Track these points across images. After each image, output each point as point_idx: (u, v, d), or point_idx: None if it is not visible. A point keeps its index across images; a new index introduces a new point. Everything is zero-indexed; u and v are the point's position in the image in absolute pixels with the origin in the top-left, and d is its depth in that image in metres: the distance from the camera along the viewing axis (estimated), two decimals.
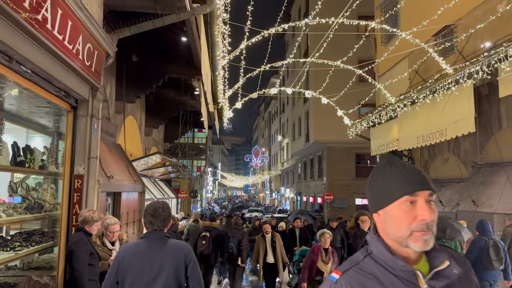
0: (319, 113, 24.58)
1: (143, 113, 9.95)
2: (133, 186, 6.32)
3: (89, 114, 4.15)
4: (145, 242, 2.65)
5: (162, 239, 2.67)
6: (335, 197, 23.83)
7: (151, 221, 2.71)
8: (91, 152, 4.16)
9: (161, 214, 2.73)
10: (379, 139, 12.64)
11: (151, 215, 2.73)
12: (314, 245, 5.47)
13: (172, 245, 2.66)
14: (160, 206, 2.79)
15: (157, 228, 2.70)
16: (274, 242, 7.33)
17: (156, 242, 2.63)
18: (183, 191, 22.65)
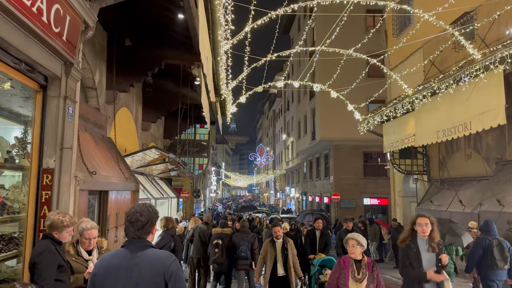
0: (326, 110, 23.80)
1: (139, 106, 9.21)
2: (124, 184, 5.58)
3: (62, 95, 3.41)
4: (123, 252, 2.28)
5: (142, 248, 2.27)
6: (343, 197, 23.05)
7: (128, 227, 2.32)
8: (64, 141, 3.42)
9: (138, 219, 2.32)
10: (393, 135, 11.84)
11: (127, 221, 2.34)
12: (344, 256, 3.98)
13: (151, 256, 2.24)
14: (139, 210, 2.37)
15: (135, 236, 2.30)
16: (285, 250, 5.95)
17: (134, 253, 2.24)
18: (186, 191, 21.92)
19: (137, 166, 8.05)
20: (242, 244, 7.29)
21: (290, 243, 6.06)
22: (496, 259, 5.92)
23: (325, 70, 22.65)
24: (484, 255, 6.00)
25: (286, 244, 6.00)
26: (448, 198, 11.38)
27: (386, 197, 23.33)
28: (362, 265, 3.80)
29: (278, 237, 6.04)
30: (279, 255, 5.97)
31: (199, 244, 7.67)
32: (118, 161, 5.81)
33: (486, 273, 6.05)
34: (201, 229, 7.64)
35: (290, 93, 38.16)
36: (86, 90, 6.21)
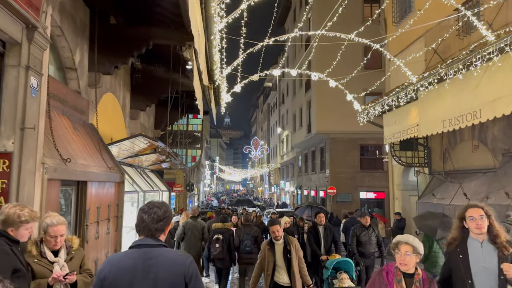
0: (322, 102, 23.31)
1: (127, 92, 8.62)
2: (106, 174, 5.01)
3: (22, 65, 2.85)
4: (134, 253, 2.10)
5: (156, 249, 2.11)
6: (339, 190, 22.66)
7: (142, 220, 2.15)
8: (26, 120, 2.87)
9: (155, 212, 2.16)
10: (394, 126, 11.36)
11: (143, 211, 2.17)
12: (388, 265, 2.84)
13: (168, 258, 2.10)
14: (156, 204, 2.23)
15: (148, 233, 2.13)
16: (288, 253, 4.81)
17: (149, 253, 2.08)
18: (179, 184, 21.35)
19: (125, 156, 7.48)
20: (246, 239, 7.25)
21: (294, 244, 4.91)
22: None
23: (322, 61, 22.11)
24: None
25: (288, 246, 4.86)
26: (451, 191, 10.94)
27: (382, 191, 22.98)
28: (415, 282, 2.67)
29: (277, 238, 4.85)
30: (280, 260, 4.85)
31: (192, 240, 7.18)
32: (100, 149, 5.24)
33: None
34: (191, 224, 7.15)
35: (285, 86, 37.62)
36: (66, 71, 5.62)
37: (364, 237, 6.94)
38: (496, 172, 9.21)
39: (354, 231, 7.10)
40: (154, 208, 2.17)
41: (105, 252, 5.15)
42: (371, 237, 6.98)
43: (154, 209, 2.17)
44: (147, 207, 2.20)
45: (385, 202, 23.05)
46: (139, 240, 2.14)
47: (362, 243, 6.89)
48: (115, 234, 5.58)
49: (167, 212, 2.22)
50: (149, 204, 2.22)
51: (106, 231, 5.17)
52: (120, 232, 5.68)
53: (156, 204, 2.22)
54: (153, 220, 2.13)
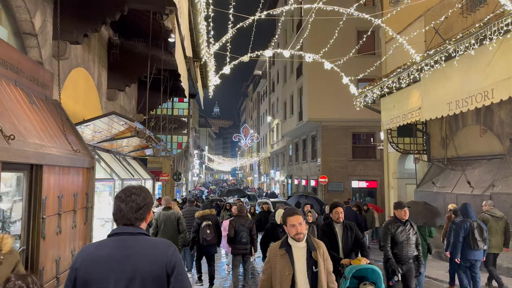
0: (314, 89, 22.63)
1: (103, 70, 7.76)
2: (70, 158, 4.22)
3: None
4: (112, 242, 1.92)
5: (136, 237, 1.93)
6: (330, 179, 22.16)
7: (119, 209, 1.95)
8: None
9: (133, 200, 1.96)
10: (393, 110, 10.70)
11: (119, 201, 1.97)
12: None
13: (148, 246, 1.92)
14: (134, 190, 2.01)
15: (127, 221, 1.95)
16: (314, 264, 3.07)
17: (127, 242, 1.90)
18: (165, 173, 20.54)
19: (100, 140, 6.67)
20: (241, 230, 7.18)
21: (321, 250, 3.16)
22: (477, 240, 6.34)
23: (314, 45, 21.28)
24: (465, 237, 6.41)
25: (314, 253, 3.11)
26: (453, 179, 10.38)
27: (375, 180, 22.53)
28: None
29: (299, 238, 3.10)
30: (302, 274, 3.06)
31: (167, 233, 6.53)
32: (64, 129, 4.44)
33: (466, 253, 6.46)
34: (164, 216, 6.50)
35: (275, 73, 36.81)
36: (24, 38, 4.77)
37: (401, 236, 5.27)
38: (504, 159, 8.64)
39: (387, 228, 5.40)
40: (132, 196, 1.97)
41: (71, 249, 4.38)
42: (409, 235, 5.31)
43: (132, 197, 1.97)
44: (124, 194, 1.99)
45: (377, 191, 22.63)
46: (117, 229, 1.96)
47: (398, 244, 5.27)
48: (84, 228, 4.81)
49: (146, 198, 2.02)
50: (126, 191, 2.01)
51: (72, 224, 4.40)
52: (90, 225, 4.91)
53: (134, 190, 2.01)
54: (132, 209, 1.95)
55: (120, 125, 6.05)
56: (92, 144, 6.77)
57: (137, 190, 2.03)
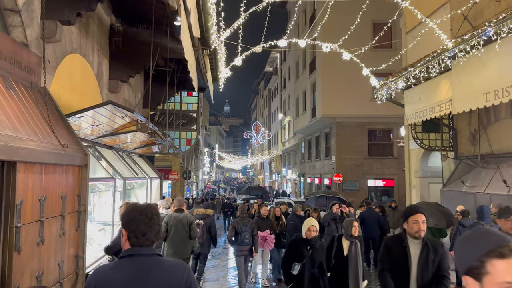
0: (328, 85, 21.80)
1: (104, 59, 7.11)
2: (56, 154, 3.56)
3: None
4: (127, 264, 1.91)
5: (152, 259, 1.95)
6: (345, 178, 21.34)
7: (142, 233, 1.95)
8: None
9: (156, 223, 2.01)
10: (418, 103, 9.87)
11: (142, 223, 1.95)
12: None
13: (164, 268, 1.94)
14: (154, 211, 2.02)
15: (150, 244, 1.97)
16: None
17: (143, 265, 1.91)
18: (175, 172, 19.93)
19: (99, 134, 6.02)
20: (244, 231, 7.31)
21: None
22: None
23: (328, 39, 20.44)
24: None
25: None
26: (485, 177, 9.52)
27: (392, 178, 21.69)
28: None
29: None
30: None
31: (177, 239, 5.79)
32: (50, 120, 3.77)
33: None
34: (175, 219, 5.77)
35: (287, 69, 36.03)
36: (5, 14, 4.12)
37: None
38: None
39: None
40: (154, 218, 1.98)
41: (58, 261, 3.72)
42: None
43: (154, 219, 1.98)
44: (146, 216, 1.96)
45: (394, 190, 21.74)
46: (132, 250, 1.94)
47: None
48: (76, 235, 4.14)
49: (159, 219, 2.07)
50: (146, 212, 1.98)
51: (59, 232, 3.74)
52: (83, 232, 4.25)
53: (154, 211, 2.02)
54: (155, 232, 1.98)
55: (121, 118, 5.38)
56: (91, 140, 6.13)
57: (154, 210, 2.02)
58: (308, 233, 4.56)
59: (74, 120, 4.58)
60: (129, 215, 2.01)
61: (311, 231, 4.57)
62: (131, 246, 1.96)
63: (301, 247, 4.59)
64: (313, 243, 4.56)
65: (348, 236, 4.71)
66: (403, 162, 21.37)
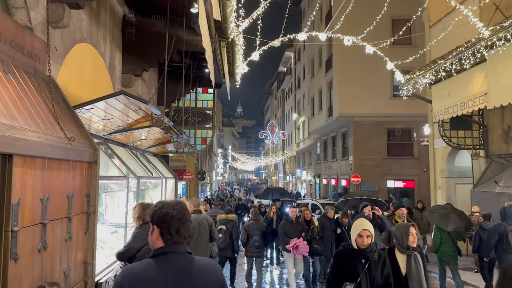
0: (345, 83, 21.21)
1: (117, 51, 6.73)
2: (60, 148, 3.16)
3: None
4: (160, 263, 1.81)
5: (185, 258, 1.89)
6: (363, 179, 20.68)
7: (177, 230, 1.88)
8: None
9: (188, 219, 1.96)
10: (448, 98, 9.26)
11: (178, 221, 1.89)
12: None
13: (199, 267, 1.89)
14: (185, 207, 1.97)
15: (183, 241, 1.91)
16: None
17: (180, 264, 1.84)
18: (189, 172, 19.57)
19: (112, 130, 5.62)
20: (255, 234, 7.49)
21: None
22: None
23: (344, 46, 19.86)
24: (499, 240, 6.37)
25: None
26: None
27: (412, 179, 20.98)
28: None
29: None
30: None
31: (198, 243, 5.33)
32: (55, 111, 3.37)
33: (501, 256, 6.37)
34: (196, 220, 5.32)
35: (301, 69, 35.49)
36: None
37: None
38: None
39: None
40: (186, 215, 1.92)
41: (63, 269, 3.31)
42: None
43: (186, 215, 1.93)
44: (179, 213, 1.90)
45: (415, 192, 21.00)
46: (166, 248, 1.86)
47: None
48: (84, 239, 3.73)
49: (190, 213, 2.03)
50: (179, 208, 1.92)
51: (65, 236, 3.32)
52: (93, 236, 3.83)
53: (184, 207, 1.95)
54: (188, 229, 1.94)
55: (134, 111, 4.97)
56: (103, 136, 5.74)
57: (185, 206, 1.97)
58: (360, 240, 3.38)
59: (83, 113, 4.18)
60: (161, 211, 1.91)
61: (363, 238, 3.37)
62: (164, 243, 1.87)
63: (352, 260, 3.41)
64: (369, 254, 3.38)
65: (403, 248, 3.71)
66: (424, 163, 20.68)
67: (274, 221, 9.50)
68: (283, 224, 7.50)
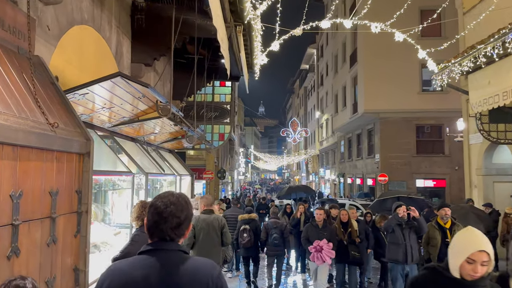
0: (371, 77, 20.31)
1: (125, 38, 6.27)
2: (38, 134, 2.67)
3: None
4: (147, 261, 1.64)
5: (175, 256, 1.68)
6: (391, 178, 19.73)
7: (156, 223, 1.68)
8: None
9: (174, 215, 1.68)
10: (487, 87, 8.38)
11: (156, 214, 1.69)
12: None
13: (191, 267, 1.66)
14: (174, 200, 1.71)
15: (165, 237, 1.68)
16: None
17: (166, 262, 1.64)
18: (209, 171, 19.13)
19: (117, 122, 5.15)
20: (274, 232, 7.34)
21: None
22: None
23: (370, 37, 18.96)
24: None
25: None
26: None
27: (443, 178, 19.92)
28: None
29: None
30: None
31: (207, 246, 4.78)
32: (34, 92, 2.87)
33: None
34: (204, 221, 4.75)
35: (324, 65, 34.64)
36: None
37: None
38: None
39: None
40: (171, 208, 1.67)
41: (45, 278, 2.81)
42: None
43: (172, 210, 1.66)
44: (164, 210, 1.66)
45: (445, 191, 19.91)
46: (153, 244, 1.68)
47: None
48: (74, 243, 3.23)
49: (188, 210, 1.74)
50: (165, 204, 1.67)
51: (47, 239, 2.83)
52: (85, 238, 3.33)
53: (174, 202, 1.69)
54: (173, 226, 1.66)
55: (138, 99, 4.47)
56: (108, 128, 5.27)
57: (177, 201, 1.70)
58: (470, 268, 2.04)
59: (76, 98, 3.69)
60: (152, 202, 1.75)
61: (476, 265, 2.03)
62: (151, 240, 1.71)
63: None
64: None
65: None
66: (455, 160, 19.57)
67: (301, 223, 8.82)
68: (307, 228, 6.89)
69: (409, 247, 5.59)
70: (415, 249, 5.60)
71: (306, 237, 6.73)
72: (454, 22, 16.69)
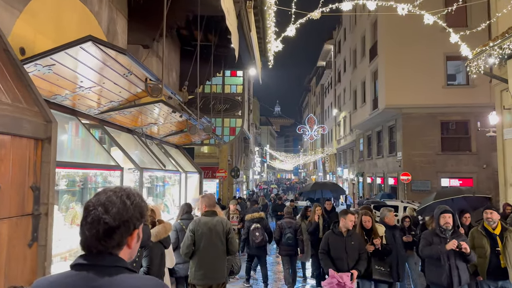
0: (393, 71, 19.25)
1: (120, 16, 5.53)
2: None
3: None
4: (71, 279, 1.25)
5: (110, 272, 1.24)
6: (414, 177, 18.70)
7: (80, 230, 1.29)
8: None
9: (99, 219, 1.24)
10: None
11: (83, 217, 1.29)
12: None
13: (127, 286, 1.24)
14: (104, 200, 1.27)
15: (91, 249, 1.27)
16: None
17: (95, 281, 1.21)
18: (222, 170, 18.41)
19: (105, 106, 4.41)
20: (287, 232, 7.29)
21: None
22: None
23: (390, 22, 17.97)
24: None
25: None
26: None
27: (470, 177, 18.75)
28: None
29: None
30: None
31: (211, 256, 3.96)
32: None
33: None
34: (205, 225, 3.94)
35: (342, 62, 33.59)
36: None
37: None
38: None
39: None
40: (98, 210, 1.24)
41: None
42: None
43: (99, 213, 1.24)
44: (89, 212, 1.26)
45: None
46: (84, 257, 1.27)
47: None
48: (29, 255, 2.49)
49: (125, 212, 1.26)
50: (93, 205, 1.26)
51: None
52: (45, 248, 2.58)
53: (104, 202, 1.26)
54: (100, 235, 1.24)
55: (124, 77, 3.71)
56: (95, 115, 4.53)
57: (108, 199, 1.26)
58: None
59: (40, 71, 2.94)
60: None
61: None
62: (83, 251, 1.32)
63: None
64: None
65: None
66: (483, 158, 18.38)
67: (320, 228, 7.56)
68: (327, 236, 5.12)
69: (454, 268, 4.35)
70: (462, 270, 4.47)
71: (326, 248, 5.02)
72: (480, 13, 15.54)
